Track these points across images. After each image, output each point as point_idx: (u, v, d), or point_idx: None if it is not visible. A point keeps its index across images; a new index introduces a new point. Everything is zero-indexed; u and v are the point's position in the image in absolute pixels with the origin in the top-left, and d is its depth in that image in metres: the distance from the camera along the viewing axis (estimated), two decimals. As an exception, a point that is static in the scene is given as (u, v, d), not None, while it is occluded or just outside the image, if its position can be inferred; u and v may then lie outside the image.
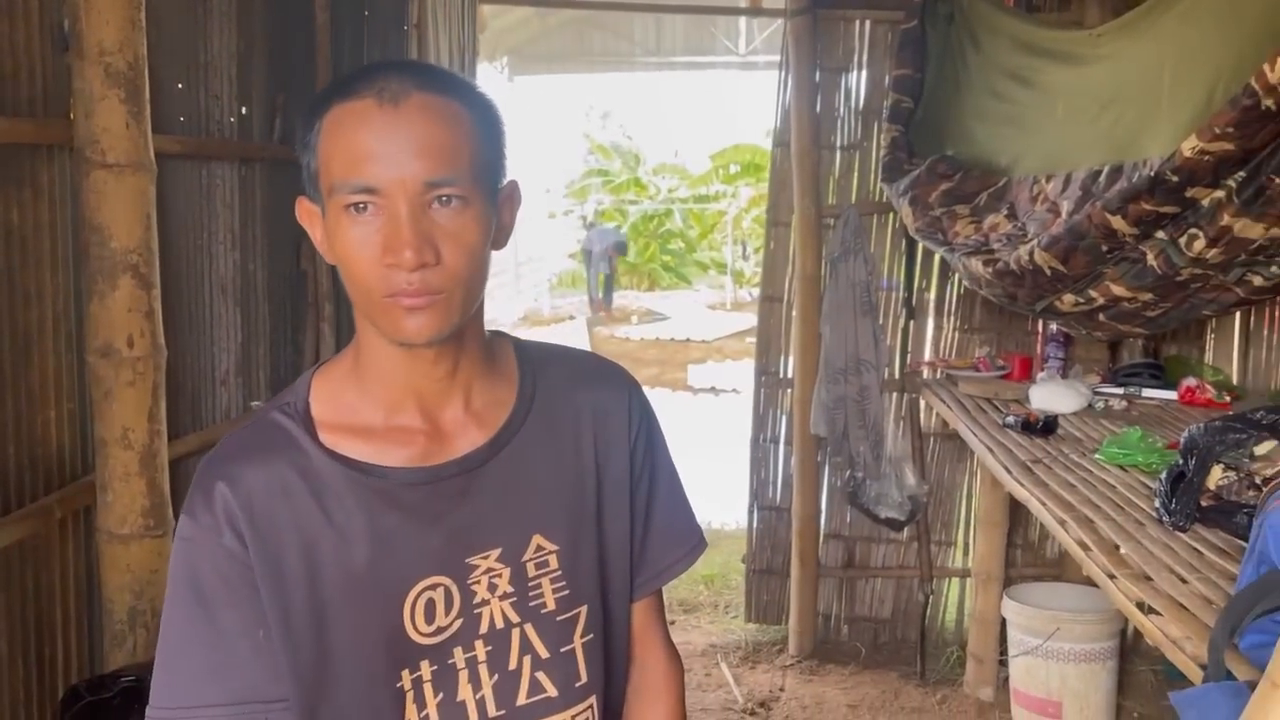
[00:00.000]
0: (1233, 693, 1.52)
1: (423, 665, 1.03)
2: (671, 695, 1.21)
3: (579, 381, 1.13)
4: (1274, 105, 2.07)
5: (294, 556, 1.00)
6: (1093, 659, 3.45)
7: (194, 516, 1.00)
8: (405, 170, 0.94)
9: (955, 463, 4.24)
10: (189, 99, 2.37)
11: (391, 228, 0.94)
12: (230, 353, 2.59)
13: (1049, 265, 2.66)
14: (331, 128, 0.96)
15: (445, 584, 1.03)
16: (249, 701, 1.00)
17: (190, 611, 1.00)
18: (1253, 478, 2.19)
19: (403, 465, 1.03)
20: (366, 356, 1.04)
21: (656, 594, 1.21)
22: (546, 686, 1.07)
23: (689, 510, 1.22)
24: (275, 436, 1.03)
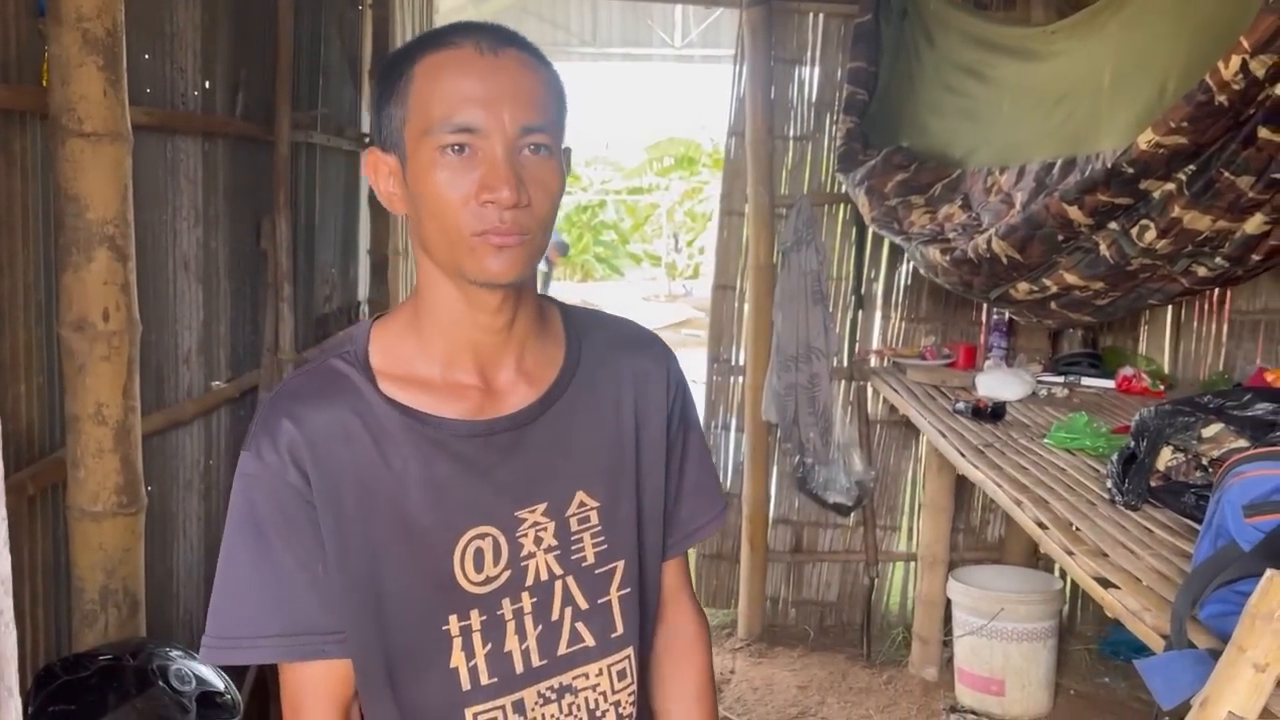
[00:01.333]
0: (1195, 660, 1.60)
1: (472, 614, 1.07)
2: (702, 653, 1.25)
3: (620, 347, 1.17)
4: (1226, 101, 2.17)
5: (352, 497, 1.03)
6: (1034, 638, 3.57)
7: (258, 454, 1.03)
8: (505, 113, 0.99)
9: (901, 449, 4.34)
10: (155, 70, 2.31)
11: (489, 167, 0.98)
12: (193, 331, 2.55)
13: (1006, 254, 2.74)
14: (428, 74, 1.00)
15: (494, 534, 1.07)
16: (305, 633, 1.04)
17: (251, 546, 1.04)
18: (1200, 459, 2.29)
19: (458, 417, 1.06)
20: (428, 309, 1.07)
21: (684, 555, 1.25)
22: (585, 637, 1.11)
23: (715, 476, 1.28)
24: (337, 381, 1.06)
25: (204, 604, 2.72)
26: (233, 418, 2.86)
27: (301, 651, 1.05)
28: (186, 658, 1.87)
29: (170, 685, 1.74)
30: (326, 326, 3.60)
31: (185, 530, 2.56)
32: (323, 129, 3.42)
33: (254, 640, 1.04)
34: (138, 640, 1.88)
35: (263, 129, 2.92)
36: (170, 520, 2.47)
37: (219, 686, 1.85)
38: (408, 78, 1.01)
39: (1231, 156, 2.27)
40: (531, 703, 1.09)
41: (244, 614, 1.04)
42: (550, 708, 1.10)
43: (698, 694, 1.23)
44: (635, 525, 1.14)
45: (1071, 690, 3.80)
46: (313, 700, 1.07)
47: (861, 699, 3.78)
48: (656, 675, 1.24)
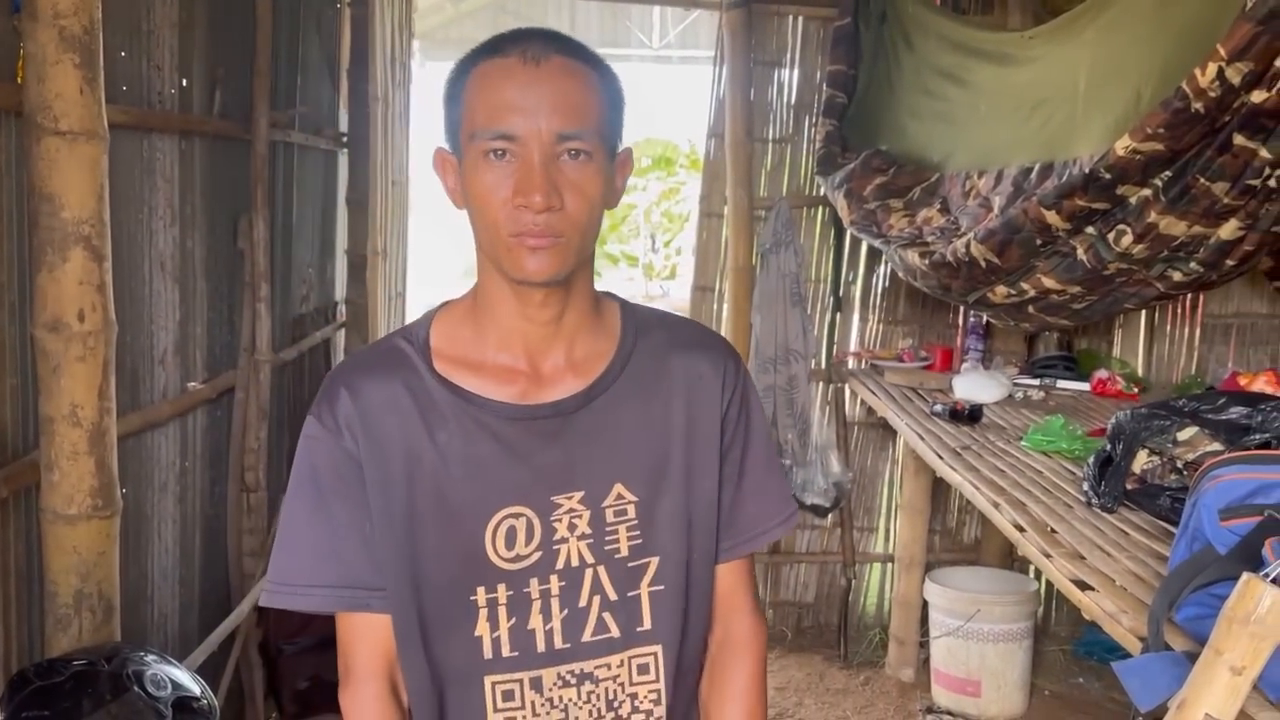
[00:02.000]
0: (1172, 662, 1.61)
1: (499, 588, 1.12)
2: (754, 655, 1.25)
3: (677, 347, 1.20)
4: (1203, 108, 2.19)
5: (397, 465, 1.11)
6: (1010, 639, 3.60)
7: (319, 419, 1.12)
8: (540, 122, 1.04)
9: (878, 451, 4.36)
10: (132, 68, 2.29)
11: (524, 173, 1.04)
12: (169, 331, 2.52)
13: (984, 257, 2.76)
14: (478, 81, 1.07)
15: (528, 515, 1.12)
16: (355, 587, 1.12)
17: (310, 502, 1.12)
18: (1175, 462, 2.31)
19: (503, 400, 1.12)
20: (483, 298, 1.14)
21: (746, 558, 1.25)
22: (610, 627, 1.15)
23: (782, 481, 1.29)
24: (396, 358, 1.14)
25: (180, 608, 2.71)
26: (209, 419, 2.83)
27: (350, 603, 1.13)
28: (162, 662, 1.85)
29: (145, 690, 1.72)
30: (303, 327, 3.58)
31: (160, 533, 2.53)
32: (301, 128, 3.39)
33: (308, 588, 1.12)
34: (112, 645, 1.86)
35: (240, 128, 2.89)
36: (145, 523, 2.45)
37: (195, 691, 1.83)
38: (464, 84, 1.08)
39: (1207, 163, 2.30)
40: (550, 683, 1.14)
41: (302, 563, 1.13)
42: (569, 691, 1.14)
43: (741, 696, 1.23)
44: (678, 525, 1.17)
45: (1046, 691, 3.83)
46: (363, 648, 1.14)
47: (838, 700, 3.79)
48: (708, 676, 1.25)
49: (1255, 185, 2.30)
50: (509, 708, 1.14)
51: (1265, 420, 2.16)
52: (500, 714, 1.14)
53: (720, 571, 1.23)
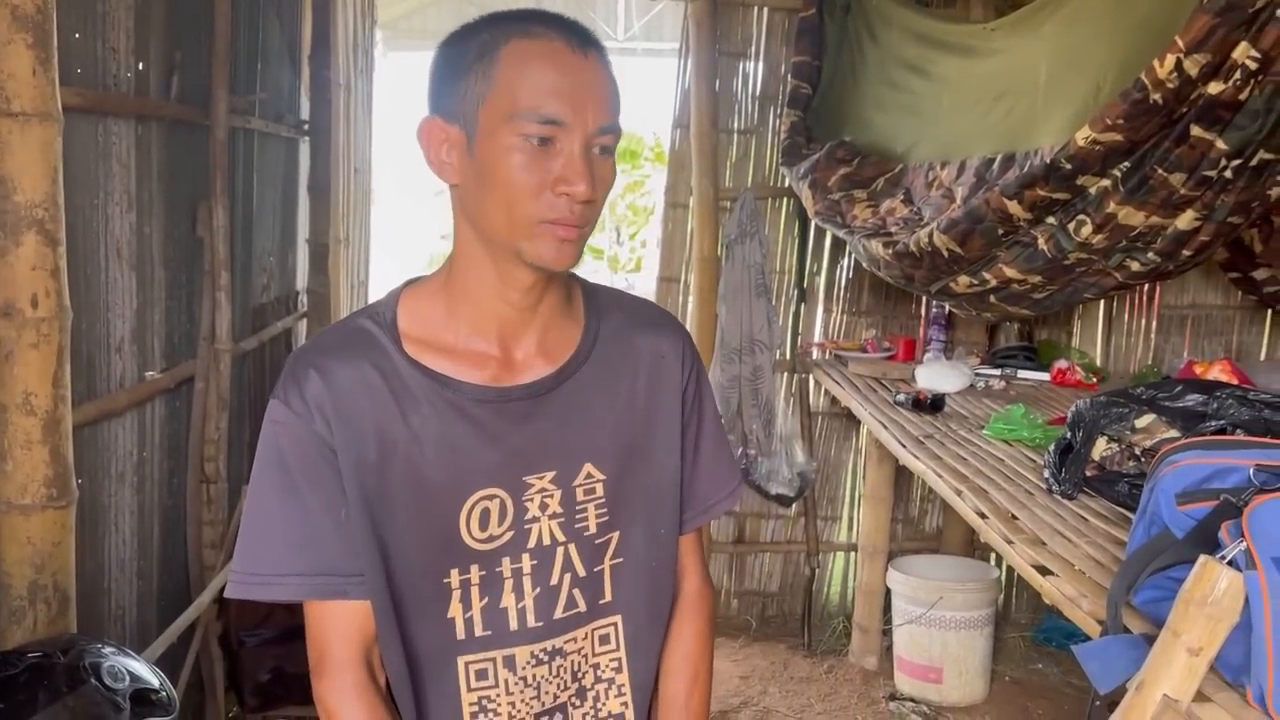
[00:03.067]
0: (1131, 644, 1.63)
1: (472, 569, 1.12)
2: (703, 615, 1.30)
3: (638, 327, 1.22)
4: (1161, 99, 2.22)
5: (371, 448, 1.09)
6: (972, 626, 3.63)
7: (286, 402, 1.09)
8: (588, 112, 1.04)
9: (842, 441, 4.38)
10: (86, 50, 2.24)
11: (568, 161, 1.04)
12: (126, 319, 2.47)
13: (947, 247, 2.78)
14: (519, 59, 1.04)
15: (501, 496, 1.12)
16: (328, 574, 1.10)
17: (279, 488, 1.09)
18: (1133, 449, 2.34)
19: (476, 383, 1.12)
20: (461, 277, 1.13)
21: (697, 530, 1.30)
22: (579, 602, 1.17)
23: (730, 454, 1.34)
24: (363, 339, 1.12)
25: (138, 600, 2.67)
26: (168, 409, 2.78)
27: (324, 590, 1.10)
28: (120, 654, 1.82)
29: (103, 682, 1.69)
30: (264, 317, 3.53)
31: (118, 525, 2.49)
32: (261, 115, 3.35)
33: (280, 577, 1.10)
34: (69, 637, 1.83)
35: (199, 113, 2.84)
36: (102, 514, 2.40)
37: (154, 684, 1.81)
38: (494, 59, 1.04)
39: (1165, 154, 2.33)
40: (523, 661, 1.15)
41: (271, 552, 1.10)
42: (541, 669, 1.16)
43: (688, 648, 1.28)
44: (643, 500, 1.19)
45: (1007, 677, 3.88)
46: (336, 638, 1.12)
47: (802, 688, 3.81)
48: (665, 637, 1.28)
49: (1212, 176, 2.33)
50: (483, 687, 1.14)
51: (1220, 407, 2.19)
52: (474, 693, 1.14)
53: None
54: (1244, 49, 2.10)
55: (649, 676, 1.24)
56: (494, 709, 1.15)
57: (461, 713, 1.14)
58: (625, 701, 1.21)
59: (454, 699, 1.14)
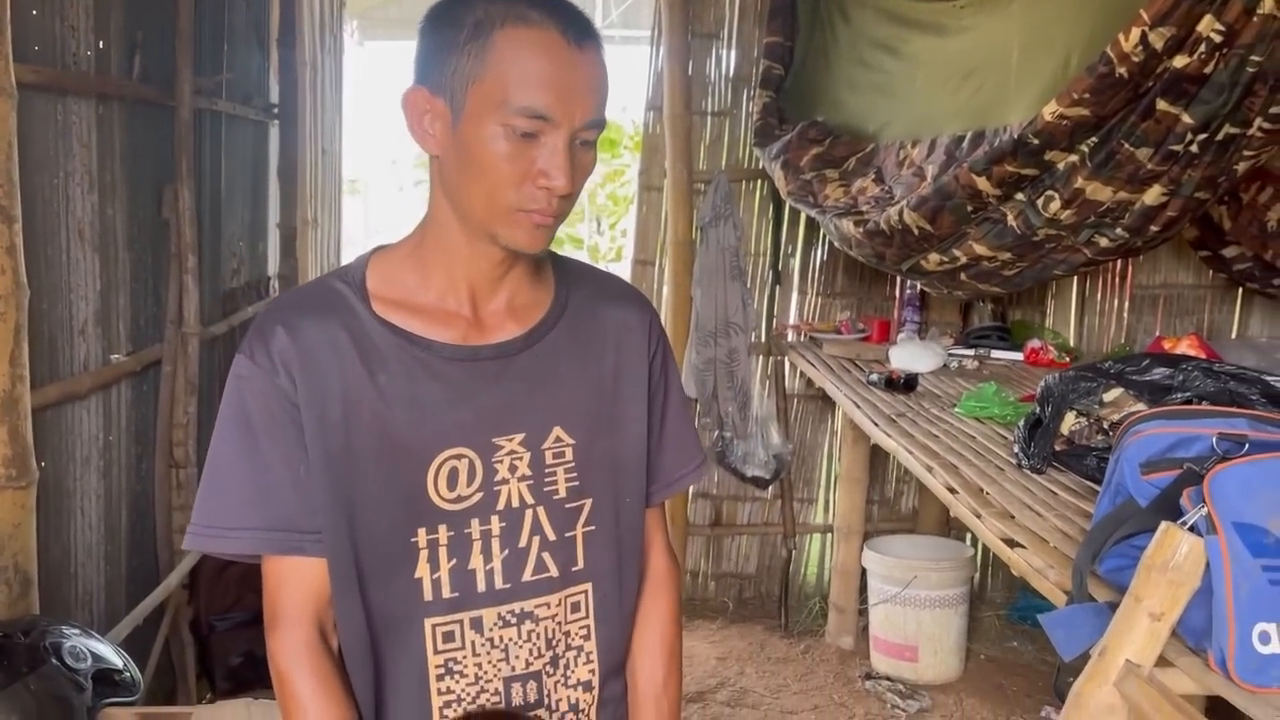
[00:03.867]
0: (1095, 612, 1.64)
1: (440, 529, 1.12)
2: (671, 591, 1.31)
3: (606, 299, 1.23)
4: (1126, 73, 2.23)
5: (336, 406, 1.09)
6: (946, 604, 3.65)
7: (251, 357, 1.09)
8: (576, 110, 1.04)
9: (817, 423, 4.39)
10: (44, 27, 2.21)
11: (551, 155, 1.04)
12: (88, 301, 2.45)
13: (917, 225, 2.78)
14: (513, 47, 1.03)
15: (470, 456, 1.12)
16: (285, 529, 1.10)
17: (239, 442, 1.09)
18: (1101, 423, 2.35)
19: (446, 341, 1.12)
20: (433, 242, 1.13)
21: (661, 504, 1.31)
22: (549, 566, 1.17)
23: (694, 430, 1.34)
24: (332, 298, 1.12)
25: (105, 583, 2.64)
26: (135, 393, 2.76)
27: (280, 545, 1.10)
28: (83, 636, 1.81)
29: (64, 663, 1.68)
30: (235, 301, 3.50)
31: (84, 508, 2.47)
32: (228, 97, 3.31)
33: (236, 531, 1.09)
34: (30, 618, 1.81)
35: (163, 93, 2.81)
36: (67, 497, 2.38)
37: (117, 664, 1.79)
38: (487, 41, 1.03)
39: (1131, 129, 2.34)
40: (490, 623, 1.14)
41: (229, 505, 1.09)
42: (510, 631, 1.15)
43: (660, 627, 1.29)
44: (611, 468, 1.19)
45: (982, 655, 3.90)
46: (291, 593, 1.11)
47: (779, 669, 3.82)
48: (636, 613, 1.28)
49: (1178, 150, 2.34)
50: (449, 649, 1.14)
51: (1186, 380, 2.20)
52: (440, 655, 1.14)
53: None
54: (1209, 22, 2.11)
55: (616, 645, 1.24)
56: (460, 670, 1.14)
57: (427, 675, 1.14)
58: (593, 669, 1.22)
59: (419, 661, 1.13)
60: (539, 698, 1.18)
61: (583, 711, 1.21)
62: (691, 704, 3.53)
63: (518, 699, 1.16)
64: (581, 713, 1.21)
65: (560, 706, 1.20)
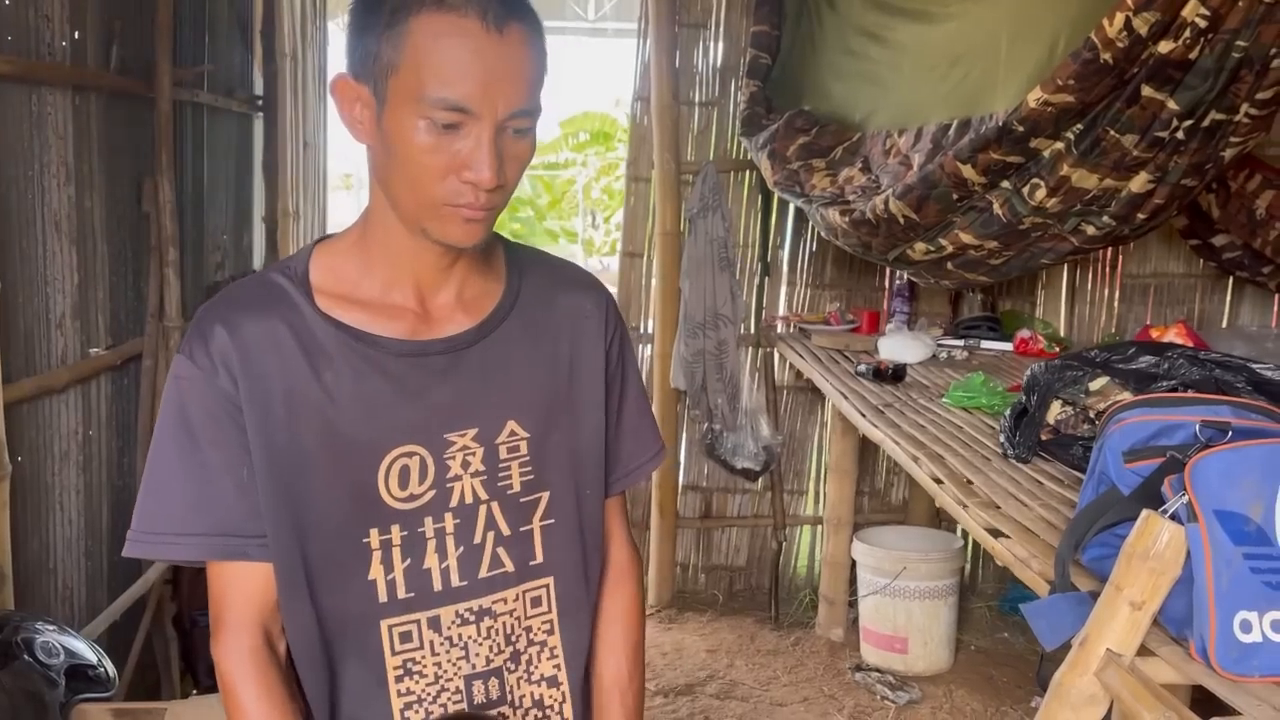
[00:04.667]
0: (1077, 601, 1.63)
1: (393, 529, 1.09)
2: (631, 583, 1.28)
3: (560, 286, 1.19)
4: (1111, 59, 2.21)
5: (279, 406, 1.05)
6: (936, 595, 3.64)
7: (191, 357, 1.05)
8: (498, 99, 0.99)
9: (807, 414, 4.38)
10: (16, 17, 2.18)
11: (474, 148, 0.99)
12: (66, 294, 2.42)
13: (903, 214, 2.77)
14: (428, 36, 0.98)
15: (421, 454, 1.09)
16: (228, 534, 1.06)
17: (180, 446, 1.06)
18: (1087, 412, 2.34)
19: (393, 336, 1.08)
20: (375, 234, 1.09)
21: (621, 494, 1.28)
22: (505, 562, 1.14)
23: (653, 418, 1.31)
24: (273, 293, 1.08)
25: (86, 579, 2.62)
26: (114, 387, 2.74)
27: (223, 551, 1.07)
28: (57, 632, 1.79)
29: (36, 658, 1.66)
30: (218, 295, 3.48)
31: (62, 503, 2.45)
32: (210, 89, 3.29)
33: (178, 537, 1.06)
34: (3, 613, 1.79)
35: (141, 84, 2.78)
36: (45, 492, 2.36)
37: (91, 659, 1.77)
38: (404, 29, 0.98)
39: (1116, 115, 2.32)
40: (448, 621, 1.12)
41: (169, 511, 1.07)
42: (468, 629, 1.13)
43: (623, 620, 1.27)
44: (568, 460, 1.17)
45: (972, 646, 3.89)
46: (235, 599, 1.09)
47: (769, 661, 3.81)
48: (598, 606, 1.26)
49: (1164, 137, 2.33)
50: (407, 649, 1.12)
51: (1172, 367, 2.19)
52: (399, 656, 1.12)
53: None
54: (1193, 7, 2.09)
55: (580, 637, 1.21)
56: (420, 671, 1.12)
57: (386, 676, 1.11)
58: (558, 664, 1.19)
59: (377, 662, 1.11)
60: (501, 694, 1.15)
61: (550, 707, 1.19)
62: (681, 696, 3.52)
63: (479, 697, 1.14)
64: (549, 708, 1.19)
65: (524, 703, 1.18)
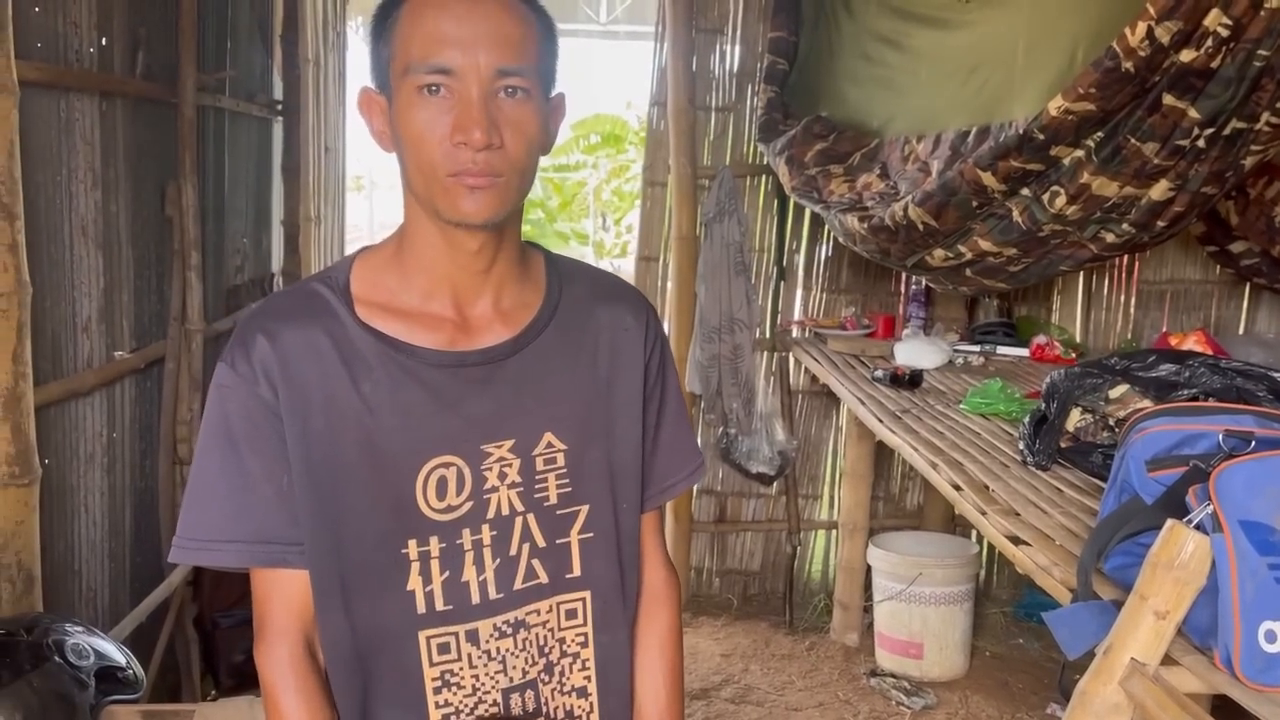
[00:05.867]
0: (1100, 610, 1.63)
1: (432, 541, 1.09)
2: (668, 607, 1.28)
3: (601, 298, 1.19)
4: (1133, 68, 2.21)
5: (319, 415, 1.06)
6: (951, 601, 3.64)
7: (233, 366, 1.07)
8: (480, 55, 1.01)
9: (822, 419, 4.38)
10: (46, 24, 2.21)
11: (463, 108, 1.01)
12: (92, 298, 2.45)
13: (922, 221, 2.77)
14: (411, 14, 1.03)
15: (458, 464, 1.09)
16: (268, 541, 1.08)
17: (222, 453, 1.07)
18: (1107, 419, 2.34)
19: (431, 347, 1.09)
20: (410, 243, 1.10)
21: (658, 511, 1.27)
22: (539, 573, 1.14)
23: (691, 433, 1.30)
24: (315, 303, 1.09)
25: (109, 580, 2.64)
26: (138, 389, 2.76)
27: (264, 558, 1.09)
28: (86, 633, 1.80)
29: (67, 660, 1.68)
30: (239, 298, 3.50)
31: (87, 505, 2.47)
32: (232, 94, 3.31)
33: (220, 544, 1.08)
34: (33, 615, 1.81)
35: (165, 90, 2.81)
36: (71, 494, 2.38)
37: (120, 661, 1.79)
38: (395, 18, 1.03)
39: (1138, 123, 2.32)
40: (486, 634, 1.12)
41: (212, 518, 1.08)
42: (506, 642, 1.13)
43: (660, 645, 1.26)
44: (605, 473, 1.16)
45: (987, 652, 3.89)
46: (276, 606, 1.10)
47: (784, 665, 3.82)
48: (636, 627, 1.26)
49: (1185, 145, 2.33)
50: (445, 660, 1.12)
51: (1193, 376, 2.19)
52: (437, 667, 1.12)
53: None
54: (1215, 16, 2.09)
55: (615, 650, 1.21)
56: (457, 682, 1.12)
57: (424, 687, 1.12)
58: (589, 675, 1.20)
59: (415, 673, 1.11)
60: (536, 706, 1.16)
61: (578, 718, 1.19)
62: (696, 701, 3.53)
63: (516, 708, 1.15)
64: (578, 719, 1.19)
65: (557, 714, 1.18)
